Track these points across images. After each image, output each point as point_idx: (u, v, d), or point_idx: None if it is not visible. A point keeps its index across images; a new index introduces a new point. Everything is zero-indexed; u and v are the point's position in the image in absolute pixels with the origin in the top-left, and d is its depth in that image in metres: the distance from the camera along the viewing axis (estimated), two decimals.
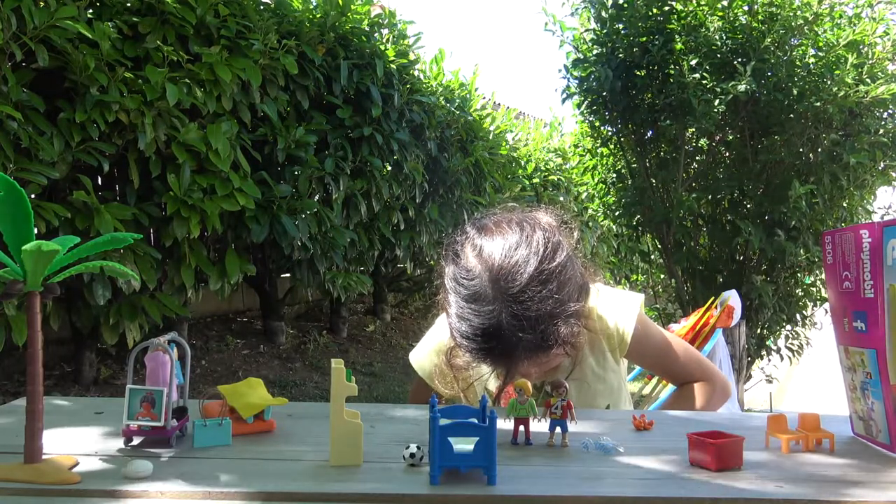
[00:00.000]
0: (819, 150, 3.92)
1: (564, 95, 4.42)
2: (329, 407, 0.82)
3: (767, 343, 4.50)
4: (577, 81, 4.37)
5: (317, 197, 3.72)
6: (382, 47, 4.07)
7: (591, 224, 6.57)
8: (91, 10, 2.60)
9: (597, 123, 4.58)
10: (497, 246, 1.03)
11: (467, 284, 1.03)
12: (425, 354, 1.37)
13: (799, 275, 4.48)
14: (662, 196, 4.42)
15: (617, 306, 1.28)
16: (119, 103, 2.52)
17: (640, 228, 4.67)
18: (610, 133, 4.62)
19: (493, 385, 1.29)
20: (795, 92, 3.74)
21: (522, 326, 0.98)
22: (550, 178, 6.60)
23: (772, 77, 3.78)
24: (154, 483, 0.76)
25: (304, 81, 3.53)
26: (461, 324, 1.03)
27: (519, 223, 1.07)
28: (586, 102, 4.41)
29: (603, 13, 4.14)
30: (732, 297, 2.01)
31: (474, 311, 1.01)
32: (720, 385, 1.34)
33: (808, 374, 6.31)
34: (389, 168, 4.18)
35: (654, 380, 2.06)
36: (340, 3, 3.81)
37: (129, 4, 2.75)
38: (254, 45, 3.08)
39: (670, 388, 1.48)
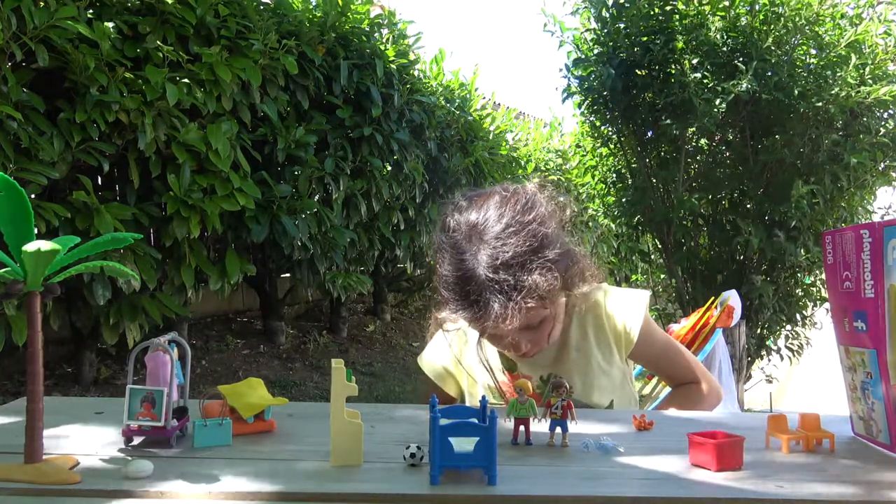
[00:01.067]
0: (820, 150, 3.92)
1: (565, 95, 4.41)
2: (329, 407, 0.82)
3: (767, 343, 4.49)
4: (577, 81, 4.37)
5: (317, 197, 3.72)
6: (382, 47, 4.07)
7: (591, 224, 6.57)
8: (91, 10, 2.59)
9: (597, 123, 4.58)
10: (478, 205, 1.12)
11: (449, 237, 1.11)
12: (433, 355, 1.38)
13: (799, 275, 4.48)
14: (663, 196, 4.42)
15: (625, 304, 1.30)
16: (119, 103, 2.52)
17: (640, 228, 4.67)
18: (610, 133, 4.62)
19: (494, 381, 1.30)
20: (796, 92, 3.74)
21: (496, 268, 1.04)
22: (550, 178, 6.60)
23: (773, 77, 3.78)
24: (154, 483, 0.76)
25: (304, 81, 3.53)
26: (443, 275, 1.10)
27: (502, 188, 1.15)
28: (587, 102, 4.40)
29: (604, 13, 4.13)
30: (732, 297, 2.01)
31: (453, 259, 1.08)
32: (714, 389, 1.37)
33: (808, 374, 6.30)
34: (389, 168, 4.17)
35: (655, 380, 2.06)
36: (340, 3, 3.81)
37: (129, 4, 2.75)
38: (254, 45, 3.08)
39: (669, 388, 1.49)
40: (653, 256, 5.13)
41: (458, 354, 1.34)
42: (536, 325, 1.14)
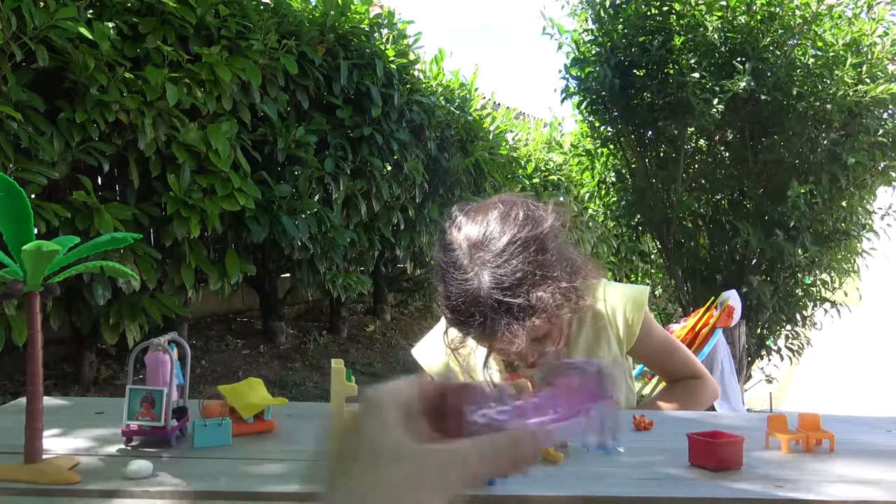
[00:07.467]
0: (818, 149, 3.92)
1: (563, 95, 4.42)
2: (329, 407, 0.82)
3: (767, 343, 4.49)
4: (576, 81, 4.37)
5: (317, 197, 3.72)
6: (382, 47, 4.07)
7: (591, 224, 6.56)
8: (91, 10, 2.59)
9: (597, 123, 4.58)
10: (477, 221, 1.08)
11: (449, 256, 1.08)
12: (428, 352, 1.38)
13: (799, 275, 4.48)
14: (662, 196, 4.42)
15: (625, 300, 1.30)
16: (119, 103, 2.52)
17: (640, 228, 4.67)
18: (610, 133, 4.62)
19: (497, 379, 1.29)
20: (795, 92, 3.74)
21: (502, 289, 1.01)
22: (550, 178, 6.60)
23: (771, 77, 3.78)
24: (154, 483, 0.76)
25: (304, 81, 3.53)
26: (445, 295, 1.07)
27: (502, 201, 1.11)
28: (586, 102, 4.41)
29: (601, 13, 4.14)
30: (732, 298, 2.01)
31: (455, 280, 1.05)
32: (710, 385, 1.38)
33: (808, 374, 6.30)
34: (389, 168, 4.17)
35: (655, 380, 2.06)
36: (340, 3, 3.81)
37: (129, 4, 2.75)
38: (254, 45, 3.08)
39: None
40: (653, 256, 5.13)
41: (456, 353, 1.34)
42: (543, 337, 1.14)
